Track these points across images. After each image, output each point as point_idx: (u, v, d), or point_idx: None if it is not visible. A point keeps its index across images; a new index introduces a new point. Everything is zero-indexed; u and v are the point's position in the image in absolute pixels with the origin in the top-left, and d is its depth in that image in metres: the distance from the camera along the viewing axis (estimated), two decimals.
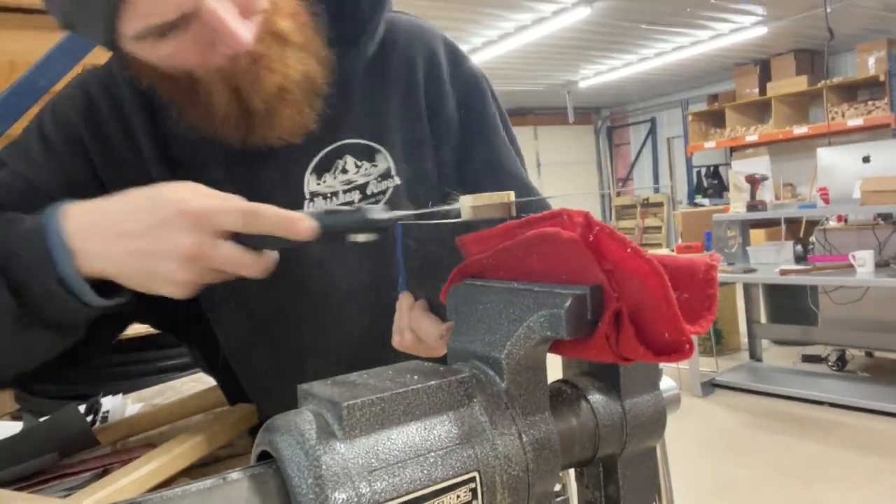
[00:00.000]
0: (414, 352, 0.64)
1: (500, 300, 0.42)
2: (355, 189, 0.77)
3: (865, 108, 6.59)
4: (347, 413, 0.34)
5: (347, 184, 0.77)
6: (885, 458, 3.10)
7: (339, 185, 0.76)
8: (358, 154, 0.77)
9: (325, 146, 0.76)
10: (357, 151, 0.77)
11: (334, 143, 0.76)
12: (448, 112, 0.82)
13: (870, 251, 3.59)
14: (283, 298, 0.78)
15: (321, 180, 0.76)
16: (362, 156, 0.77)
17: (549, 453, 0.39)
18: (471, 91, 0.85)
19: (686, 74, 8.37)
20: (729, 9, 5.71)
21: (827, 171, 3.96)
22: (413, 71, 0.80)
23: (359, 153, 0.77)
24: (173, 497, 0.34)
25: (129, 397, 1.17)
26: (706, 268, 0.37)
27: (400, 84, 0.80)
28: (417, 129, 0.80)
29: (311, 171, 0.76)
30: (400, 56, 0.80)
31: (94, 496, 0.63)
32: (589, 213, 0.39)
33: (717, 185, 8.60)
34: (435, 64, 0.82)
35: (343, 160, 0.77)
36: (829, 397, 3.79)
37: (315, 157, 0.76)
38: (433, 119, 0.81)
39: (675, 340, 0.35)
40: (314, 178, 0.76)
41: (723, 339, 4.95)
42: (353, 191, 0.77)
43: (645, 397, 0.46)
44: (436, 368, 0.41)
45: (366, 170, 0.77)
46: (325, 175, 0.76)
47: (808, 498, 2.82)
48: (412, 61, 0.80)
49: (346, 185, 0.77)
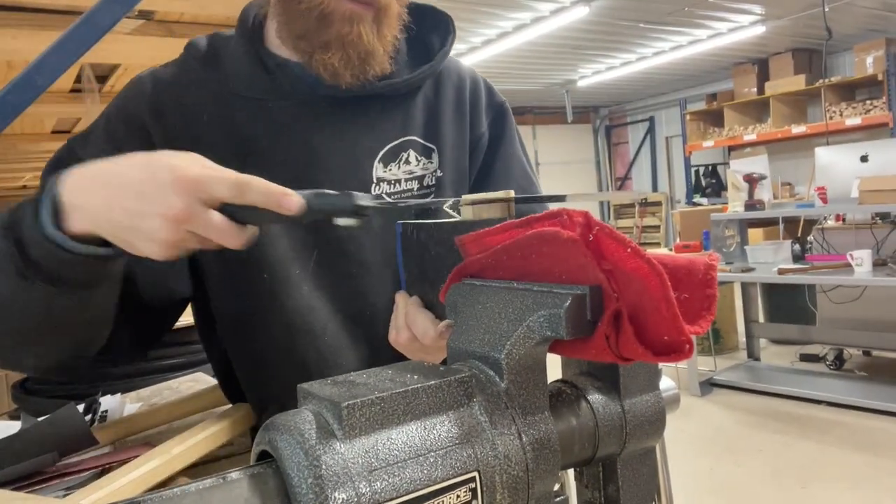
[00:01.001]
0: (408, 352, 0.66)
1: (499, 300, 0.42)
2: (415, 179, 0.89)
3: (863, 107, 6.60)
4: (347, 413, 0.34)
5: (409, 174, 0.89)
6: (882, 457, 3.10)
7: (402, 174, 0.88)
8: (418, 150, 0.90)
9: (393, 140, 0.88)
10: (417, 148, 0.90)
11: (400, 139, 0.89)
12: (481, 130, 0.98)
13: (868, 250, 3.60)
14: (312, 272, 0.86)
15: (387, 168, 0.88)
16: (422, 153, 0.90)
17: (548, 453, 0.39)
18: (498, 117, 1.01)
19: (684, 74, 8.38)
20: (727, 8, 5.72)
21: (825, 170, 3.96)
22: (462, 91, 0.97)
23: (419, 150, 0.90)
24: (173, 497, 0.34)
25: (128, 397, 1.17)
26: (706, 268, 0.38)
27: (451, 100, 0.95)
28: (461, 137, 0.95)
29: (378, 160, 0.87)
30: (452, 78, 0.97)
31: (93, 496, 0.63)
32: (589, 213, 0.39)
33: (715, 185, 8.61)
34: (477, 91, 0.99)
35: (407, 153, 0.89)
36: (827, 396, 3.79)
37: (384, 148, 0.87)
38: (471, 133, 0.97)
39: (674, 340, 0.35)
40: (381, 166, 0.87)
41: (721, 338, 4.96)
42: (412, 180, 0.89)
43: (644, 397, 0.46)
44: (435, 368, 0.41)
45: (424, 164, 0.90)
46: (391, 164, 0.88)
47: (806, 497, 2.83)
48: (462, 84, 0.97)
49: (408, 175, 0.89)
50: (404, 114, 0.90)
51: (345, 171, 0.85)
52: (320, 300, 0.86)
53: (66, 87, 1.95)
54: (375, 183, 0.87)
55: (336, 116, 0.86)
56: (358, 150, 0.87)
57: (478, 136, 0.98)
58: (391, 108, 0.89)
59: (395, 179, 0.88)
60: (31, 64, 0.99)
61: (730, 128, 7.95)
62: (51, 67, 1.00)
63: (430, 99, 0.94)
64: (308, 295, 0.85)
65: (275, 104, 0.85)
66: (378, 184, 0.87)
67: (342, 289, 0.86)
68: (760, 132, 7.55)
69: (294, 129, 0.85)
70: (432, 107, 0.93)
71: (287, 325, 0.84)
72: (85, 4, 1.07)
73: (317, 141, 0.85)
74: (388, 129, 0.89)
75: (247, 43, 0.87)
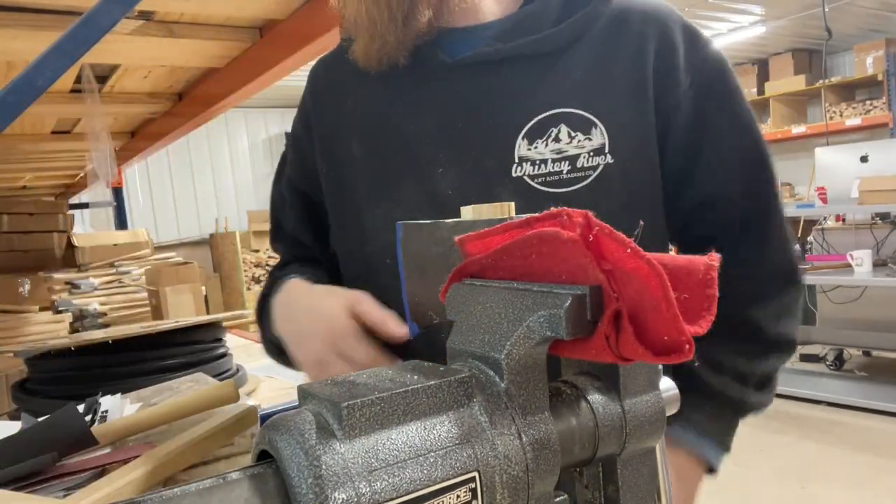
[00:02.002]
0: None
1: (499, 300, 0.42)
2: (565, 160, 0.74)
3: (863, 107, 6.60)
4: (347, 413, 0.34)
5: (558, 153, 0.74)
6: (882, 457, 3.10)
7: (550, 153, 0.74)
8: (573, 124, 0.74)
9: (541, 113, 0.75)
10: (573, 122, 0.74)
11: (551, 111, 0.74)
12: (678, 99, 0.77)
13: (868, 251, 3.60)
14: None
15: (532, 146, 0.74)
16: (577, 127, 0.74)
17: (548, 453, 0.39)
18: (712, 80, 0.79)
19: None
20: (727, 8, 5.72)
21: (825, 170, 3.97)
22: (644, 46, 0.76)
23: (574, 124, 0.74)
24: (173, 497, 0.34)
25: (128, 397, 1.17)
26: (706, 268, 0.37)
27: (628, 61, 0.76)
28: (642, 110, 0.76)
29: (522, 136, 0.75)
30: (633, 29, 0.77)
31: (93, 496, 0.63)
32: (589, 213, 0.39)
33: None
34: (668, 42, 0.77)
35: (557, 128, 0.74)
36: (827, 396, 3.79)
37: (529, 122, 0.75)
38: (660, 104, 0.76)
39: (674, 341, 0.35)
40: (525, 143, 0.75)
41: None
42: (562, 161, 0.74)
43: (644, 397, 0.46)
44: (435, 368, 0.41)
45: (579, 142, 0.74)
46: (537, 141, 0.74)
47: (805, 497, 2.83)
48: (644, 36, 0.76)
49: (557, 154, 0.74)
50: (559, 78, 0.75)
51: (481, 149, 0.76)
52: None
53: (66, 87, 1.95)
54: (517, 163, 0.75)
55: (473, 85, 0.76)
56: (496, 125, 0.75)
57: (671, 105, 0.76)
58: (541, 71, 0.75)
59: (540, 160, 0.74)
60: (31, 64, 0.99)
61: None
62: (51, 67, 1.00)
63: (598, 57, 0.76)
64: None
65: (408, 79, 0.80)
66: (520, 164, 0.75)
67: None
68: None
69: (427, 103, 0.79)
70: (600, 68, 0.76)
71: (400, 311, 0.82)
72: (85, 4, 1.07)
73: (452, 115, 0.77)
74: (535, 97, 0.75)
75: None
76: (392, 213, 0.78)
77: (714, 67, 0.79)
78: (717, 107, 0.78)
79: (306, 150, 0.91)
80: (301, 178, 0.93)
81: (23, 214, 3.21)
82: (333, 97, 0.88)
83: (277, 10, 1.49)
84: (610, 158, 0.74)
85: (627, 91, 0.75)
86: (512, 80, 0.76)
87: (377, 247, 0.81)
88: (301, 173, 0.93)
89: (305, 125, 0.92)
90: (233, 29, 1.60)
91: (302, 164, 0.93)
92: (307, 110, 0.92)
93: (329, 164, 0.87)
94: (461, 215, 0.59)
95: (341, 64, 0.87)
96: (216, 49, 1.68)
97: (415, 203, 0.79)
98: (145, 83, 2.04)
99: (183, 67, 1.88)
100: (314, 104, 0.91)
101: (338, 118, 0.87)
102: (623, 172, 0.75)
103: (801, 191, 7.43)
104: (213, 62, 1.82)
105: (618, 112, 0.75)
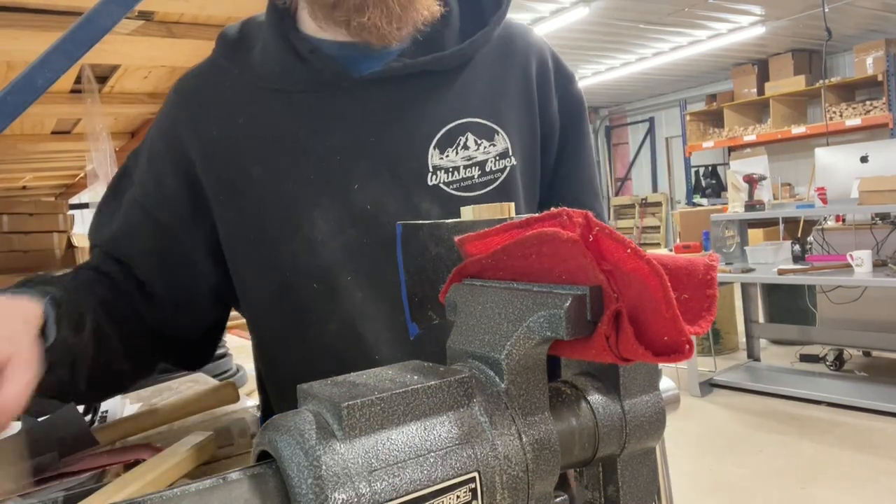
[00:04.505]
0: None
1: (499, 300, 0.42)
2: (475, 165, 0.80)
3: (863, 107, 6.60)
4: (347, 413, 0.34)
5: (468, 160, 0.80)
6: (882, 457, 3.10)
7: (461, 160, 0.79)
8: (479, 133, 0.80)
9: (449, 122, 0.79)
10: (478, 130, 0.80)
11: (458, 121, 0.80)
12: (552, 111, 0.87)
13: (867, 251, 3.60)
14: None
15: (444, 155, 0.79)
16: (482, 135, 0.80)
17: (548, 453, 0.39)
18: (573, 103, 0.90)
19: (684, 74, 8.38)
20: (727, 8, 5.72)
21: (825, 170, 3.97)
22: (528, 65, 0.85)
23: (479, 132, 0.80)
24: (173, 497, 0.34)
25: (128, 397, 1.17)
26: (705, 268, 0.38)
27: (517, 74, 0.84)
28: (530, 117, 0.85)
29: (434, 146, 0.79)
30: (518, 50, 0.85)
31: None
32: (589, 214, 0.39)
33: (715, 185, 8.61)
34: (544, 64, 0.87)
35: (465, 137, 0.80)
36: (827, 397, 3.79)
37: (439, 132, 0.79)
38: (542, 114, 0.86)
39: (674, 341, 0.35)
40: (437, 153, 0.79)
41: (721, 338, 4.96)
42: (473, 167, 0.80)
43: (644, 398, 0.46)
44: (435, 369, 0.41)
45: (485, 148, 0.80)
46: (448, 150, 0.79)
47: (805, 497, 2.83)
48: (527, 56, 0.85)
49: (467, 160, 0.79)
50: (461, 91, 0.80)
51: (396, 161, 0.78)
52: (373, 307, 0.78)
53: (66, 88, 1.95)
54: (432, 172, 0.78)
55: (382, 100, 0.78)
56: (409, 136, 0.78)
57: (549, 119, 0.86)
58: (445, 86, 0.80)
59: (453, 167, 0.79)
60: (31, 64, 0.99)
61: (730, 128, 7.95)
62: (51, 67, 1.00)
63: (493, 72, 0.83)
64: (361, 302, 0.78)
65: (312, 95, 0.79)
66: (434, 172, 0.78)
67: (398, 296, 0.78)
68: (760, 133, 7.55)
69: (336, 120, 0.79)
70: (495, 82, 0.83)
71: (338, 335, 0.78)
72: (85, 5, 1.07)
73: (363, 130, 0.78)
74: (442, 109, 0.79)
75: (276, 30, 0.80)
76: (311, 234, 0.78)
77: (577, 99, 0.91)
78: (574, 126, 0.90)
79: (165, 175, 0.83)
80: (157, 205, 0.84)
81: (23, 214, 3.21)
82: (217, 115, 0.82)
83: None
84: (514, 160, 0.82)
85: (519, 102, 0.84)
86: (419, 94, 0.79)
87: (301, 272, 0.78)
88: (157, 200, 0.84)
89: (166, 147, 0.84)
90: None
91: (158, 190, 0.84)
92: (173, 132, 0.83)
93: (222, 191, 0.81)
94: (461, 215, 0.59)
95: (221, 80, 0.83)
96: None
97: (334, 221, 0.77)
98: (145, 83, 2.04)
99: (183, 67, 1.88)
100: (187, 125, 0.83)
101: (226, 137, 0.81)
102: (523, 173, 0.83)
103: (801, 191, 7.43)
104: None
105: (513, 120, 0.83)
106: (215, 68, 0.85)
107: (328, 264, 0.77)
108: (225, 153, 0.81)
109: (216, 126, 0.81)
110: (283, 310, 0.81)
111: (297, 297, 0.79)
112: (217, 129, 0.81)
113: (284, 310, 0.81)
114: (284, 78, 0.79)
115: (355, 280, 0.78)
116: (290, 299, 0.80)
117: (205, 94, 0.84)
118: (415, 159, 0.78)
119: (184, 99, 0.85)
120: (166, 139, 0.84)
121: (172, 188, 0.83)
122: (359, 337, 0.77)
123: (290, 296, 0.80)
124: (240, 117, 0.81)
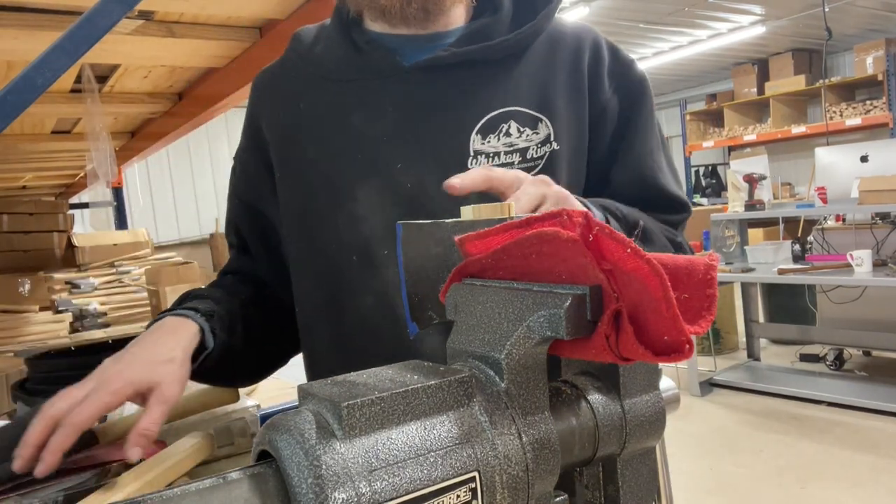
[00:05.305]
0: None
1: (499, 300, 0.42)
2: (516, 152, 0.83)
3: (863, 107, 6.60)
4: (347, 413, 0.34)
5: (510, 146, 0.83)
6: (882, 457, 3.10)
7: (502, 146, 0.83)
8: (522, 121, 0.83)
9: (493, 110, 0.83)
10: (522, 119, 0.83)
11: (502, 109, 0.83)
12: (603, 98, 0.88)
13: (867, 251, 3.60)
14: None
15: (485, 140, 0.83)
16: (525, 123, 0.84)
17: (548, 453, 0.39)
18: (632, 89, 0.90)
19: (684, 74, 8.38)
20: (727, 8, 5.72)
21: (825, 170, 3.97)
22: (579, 59, 0.88)
23: (523, 120, 0.83)
24: (173, 497, 0.34)
25: None
26: (705, 268, 0.37)
27: (567, 68, 0.87)
28: (578, 107, 0.87)
29: (476, 132, 0.83)
30: (569, 45, 0.89)
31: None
32: (589, 213, 0.39)
33: (715, 185, 8.61)
34: (598, 56, 0.89)
35: (507, 124, 0.83)
36: (827, 396, 3.79)
37: (482, 119, 0.83)
38: (592, 104, 0.88)
39: (674, 341, 0.35)
40: (479, 138, 0.83)
41: (721, 338, 4.96)
42: (514, 153, 0.83)
43: (644, 397, 0.46)
44: (436, 368, 0.41)
45: (527, 136, 0.83)
46: (490, 136, 0.83)
47: (805, 497, 2.83)
48: (579, 50, 0.88)
49: (509, 147, 0.83)
50: (508, 81, 0.84)
51: (439, 144, 0.82)
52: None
53: (66, 87, 1.95)
54: (472, 156, 0.82)
55: (429, 87, 0.84)
56: (453, 122, 0.83)
57: (599, 107, 0.88)
58: (492, 76, 0.84)
59: (494, 152, 0.83)
60: (31, 64, 0.99)
61: (730, 128, 7.96)
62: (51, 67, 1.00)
63: (542, 64, 0.87)
64: (395, 276, 0.80)
65: (366, 83, 0.85)
66: (475, 157, 0.82)
67: None
68: (760, 132, 7.55)
69: (386, 105, 0.84)
70: (544, 73, 0.86)
71: (374, 309, 0.83)
72: (85, 4, 1.07)
73: (410, 115, 0.84)
74: (487, 97, 0.83)
75: (339, 25, 0.89)
76: (354, 209, 0.84)
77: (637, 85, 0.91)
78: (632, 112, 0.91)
79: (249, 161, 0.96)
80: (246, 189, 0.98)
81: (23, 214, 3.21)
82: (284, 103, 0.91)
83: (277, 10, 1.49)
84: (556, 145, 0.84)
85: (568, 94, 0.86)
86: (465, 82, 0.83)
87: (343, 245, 0.84)
88: (245, 184, 0.98)
89: (250, 136, 0.96)
90: (233, 29, 1.60)
91: (245, 175, 0.98)
92: (253, 121, 0.95)
93: (283, 169, 0.91)
94: (461, 215, 0.59)
95: (289, 72, 0.93)
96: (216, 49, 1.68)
97: (376, 199, 0.83)
98: (145, 83, 2.04)
99: (183, 67, 1.88)
100: (262, 113, 0.94)
101: (290, 123, 0.90)
102: (566, 158, 0.85)
103: (801, 191, 7.43)
104: (213, 62, 1.82)
105: (559, 109, 0.85)
106: (284, 63, 0.95)
107: (368, 238, 0.83)
108: (288, 136, 0.90)
109: (282, 113, 0.91)
110: (325, 282, 0.87)
111: (338, 269, 0.85)
112: (283, 116, 0.91)
113: (327, 282, 0.87)
114: (340, 67, 0.87)
115: (392, 255, 0.81)
116: (332, 272, 0.86)
117: (274, 85, 0.94)
118: (457, 143, 0.82)
119: (257, 91, 0.96)
120: (250, 130, 0.96)
121: (255, 170, 0.95)
122: (393, 311, 0.81)
123: (332, 268, 0.86)
124: (301, 104, 0.89)
